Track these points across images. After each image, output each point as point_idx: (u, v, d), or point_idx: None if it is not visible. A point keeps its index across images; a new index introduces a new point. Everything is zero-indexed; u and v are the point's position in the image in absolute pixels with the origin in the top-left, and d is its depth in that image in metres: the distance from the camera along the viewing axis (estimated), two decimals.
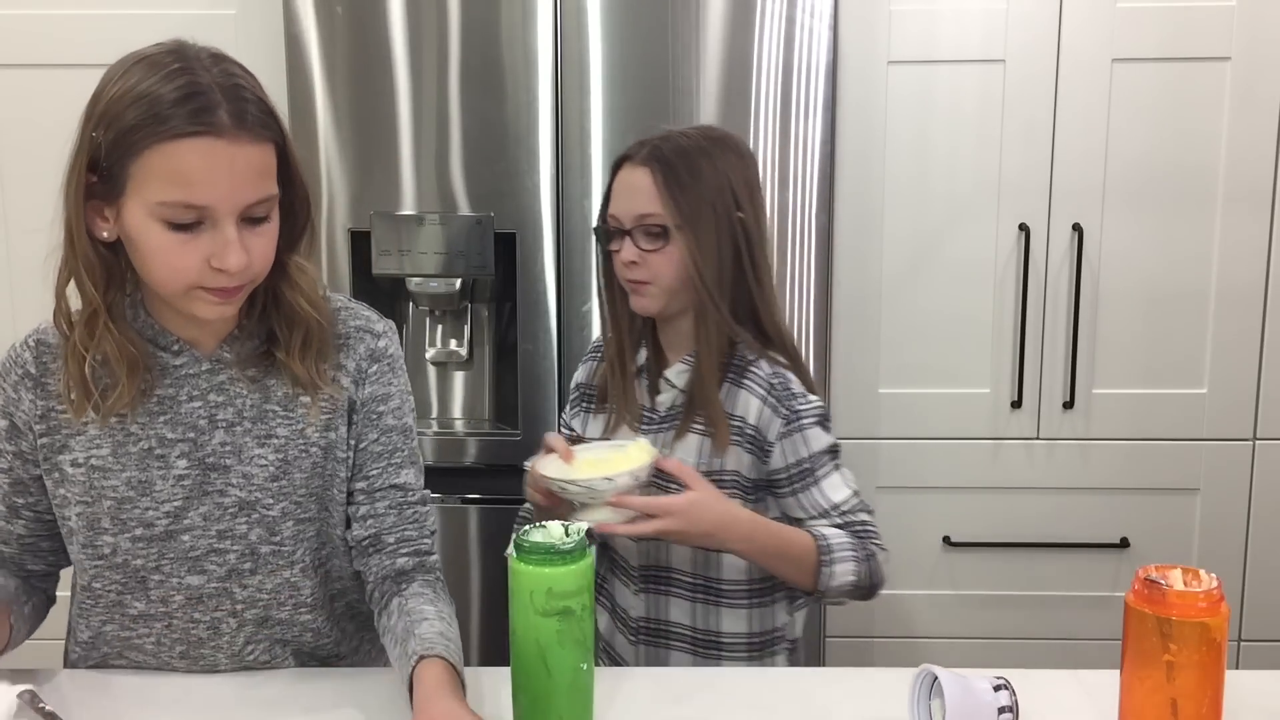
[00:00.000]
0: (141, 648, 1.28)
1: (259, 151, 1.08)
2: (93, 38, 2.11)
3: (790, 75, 1.98)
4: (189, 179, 1.04)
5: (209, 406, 1.19)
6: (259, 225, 1.11)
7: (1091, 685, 1.23)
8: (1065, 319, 2.14)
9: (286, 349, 1.19)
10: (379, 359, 1.26)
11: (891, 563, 1.47)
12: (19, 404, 1.20)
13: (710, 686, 1.29)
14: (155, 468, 1.19)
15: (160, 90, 1.06)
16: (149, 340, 1.19)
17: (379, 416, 1.25)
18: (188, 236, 1.07)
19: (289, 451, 1.20)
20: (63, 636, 1.36)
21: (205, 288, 1.10)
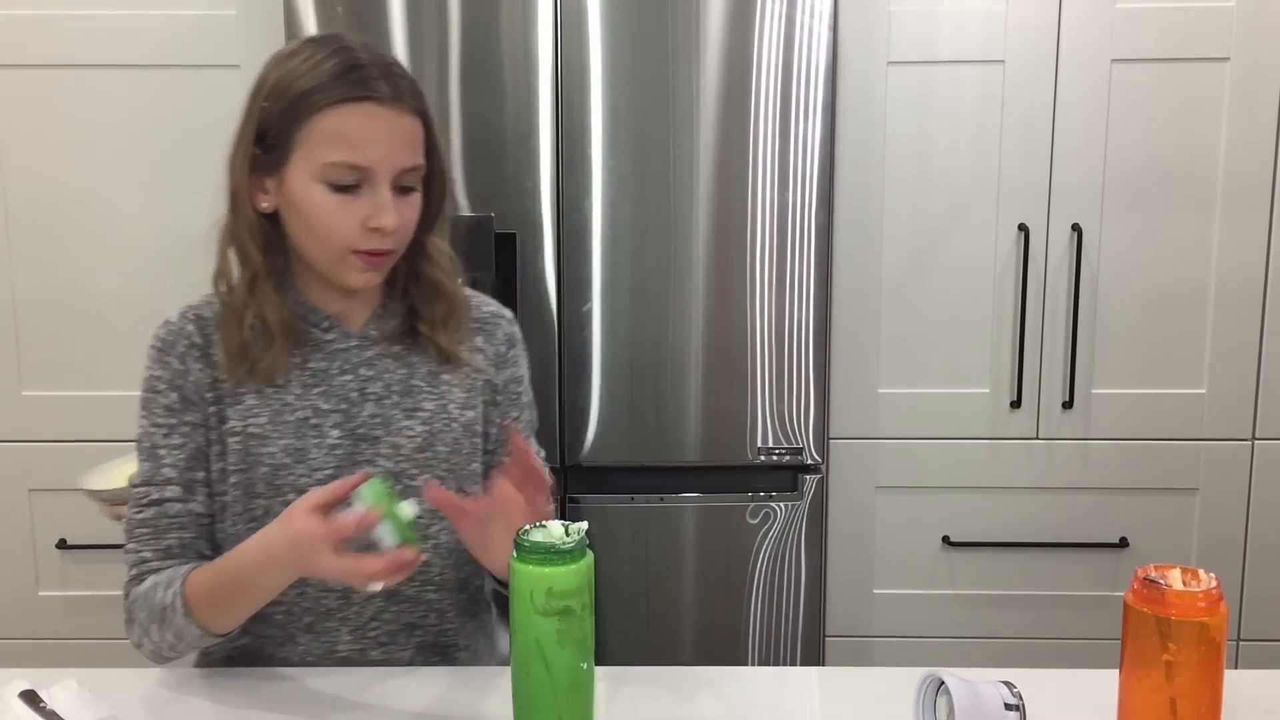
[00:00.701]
0: (270, 619, 1.28)
1: (411, 122, 1.18)
2: (93, 38, 2.11)
3: (790, 76, 1.98)
4: (353, 140, 1.14)
5: (359, 380, 1.26)
6: (408, 195, 1.20)
7: (1091, 685, 1.23)
8: (1064, 319, 2.14)
9: (430, 323, 1.27)
10: (515, 344, 1.36)
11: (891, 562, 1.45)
12: (188, 375, 1.24)
13: (710, 686, 1.29)
14: (311, 436, 1.24)
15: (325, 64, 1.15)
16: (300, 317, 1.26)
17: (518, 396, 1.36)
18: (348, 198, 1.16)
19: (434, 424, 1.27)
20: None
21: (357, 251, 1.18)
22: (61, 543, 2.25)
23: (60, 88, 2.13)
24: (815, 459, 2.09)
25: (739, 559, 2.10)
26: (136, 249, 2.17)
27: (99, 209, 2.16)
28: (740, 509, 2.09)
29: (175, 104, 2.13)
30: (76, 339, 2.20)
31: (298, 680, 1.29)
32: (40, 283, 2.19)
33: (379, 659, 1.31)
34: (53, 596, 2.27)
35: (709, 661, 2.05)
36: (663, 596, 2.11)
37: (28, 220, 2.17)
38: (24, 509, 2.24)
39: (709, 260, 2.03)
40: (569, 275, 2.03)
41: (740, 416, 2.06)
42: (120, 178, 2.15)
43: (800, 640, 2.13)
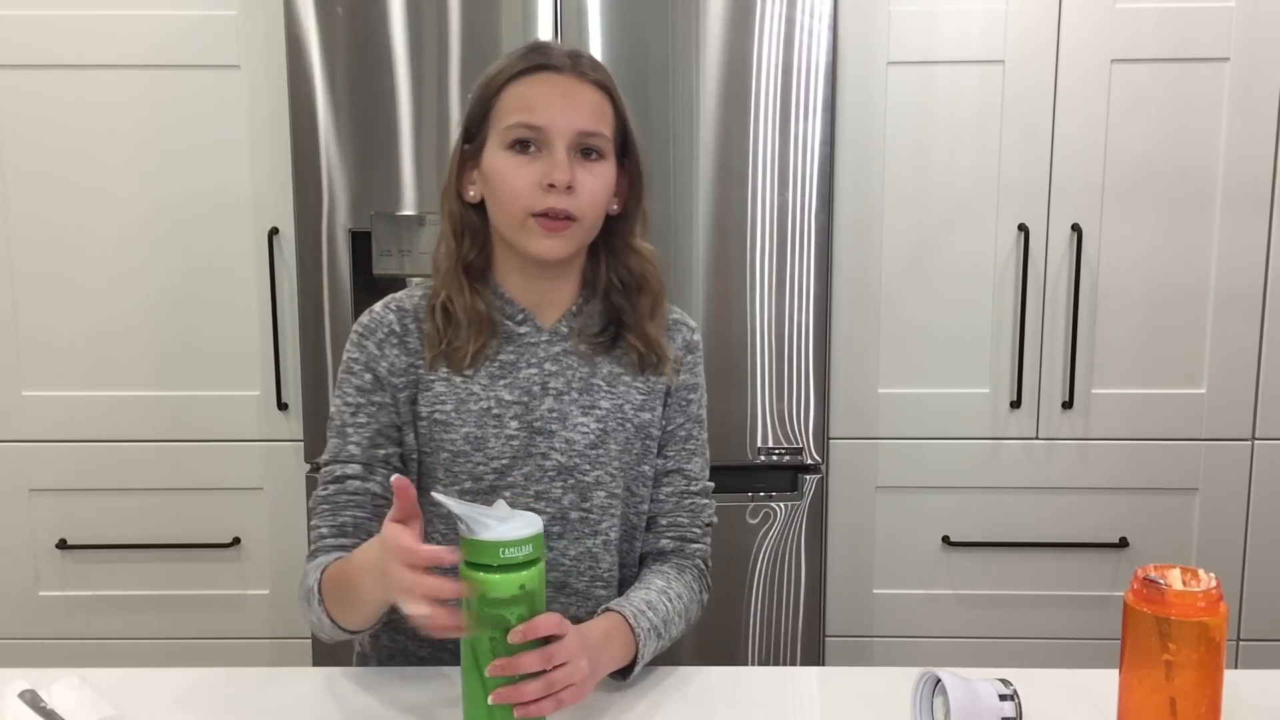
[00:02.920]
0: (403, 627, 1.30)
1: (593, 92, 1.24)
2: (93, 38, 2.11)
3: (790, 75, 1.98)
4: (529, 104, 1.22)
5: (543, 374, 1.29)
6: (590, 163, 1.24)
7: (1090, 685, 1.23)
8: (1064, 319, 2.14)
9: (637, 313, 1.31)
10: (693, 350, 1.38)
11: (891, 562, 1.45)
12: (383, 359, 1.29)
13: (711, 686, 1.29)
14: (490, 426, 1.27)
15: (515, 55, 1.25)
16: (497, 309, 1.30)
17: (687, 404, 1.36)
18: (525, 159, 1.22)
19: (608, 423, 1.30)
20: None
21: (537, 215, 1.22)
22: (61, 543, 2.25)
23: (60, 88, 2.13)
24: (815, 459, 2.09)
25: (739, 559, 2.10)
26: (137, 249, 2.17)
27: (99, 209, 2.16)
28: (740, 509, 2.09)
29: (175, 104, 2.13)
30: (76, 339, 2.20)
31: (300, 680, 1.29)
32: (40, 283, 2.19)
33: None
34: (53, 596, 2.27)
35: (709, 661, 2.05)
36: None
37: (28, 220, 2.17)
38: (24, 509, 2.24)
39: (709, 260, 2.03)
40: None
41: (740, 416, 2.06)
42: (120, 178, 2.15)
43: (800, 640, 2.13)
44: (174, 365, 2.20)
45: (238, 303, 2.18)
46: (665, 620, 1.28)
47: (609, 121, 1.26)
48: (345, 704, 1.23)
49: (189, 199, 2.16)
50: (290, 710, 1.22)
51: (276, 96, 2.06)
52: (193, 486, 2.22)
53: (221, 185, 2.15)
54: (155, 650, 2.26)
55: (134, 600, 2.26)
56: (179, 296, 2.19)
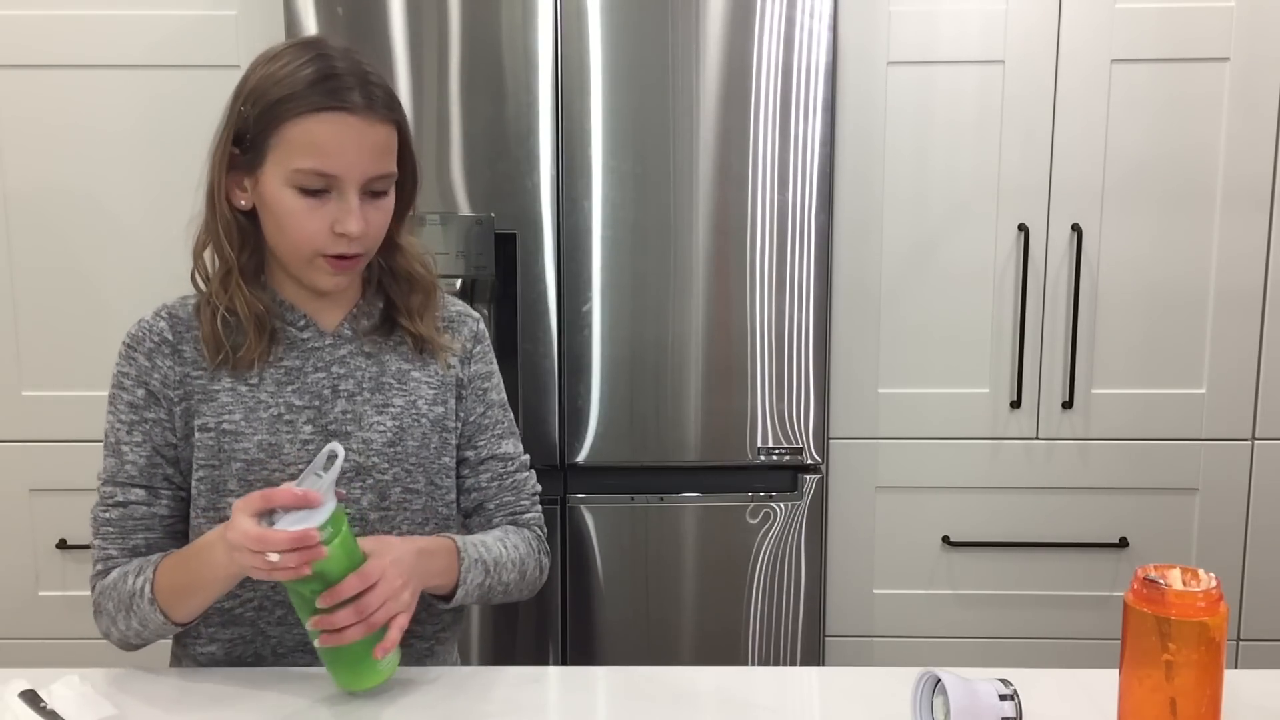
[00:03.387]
0: (242, 618, 1.31)
1: (384, 131, 1.21)
2: (93, 38, 2.11)
3: (790, 75, 1.98)
4: (322, 149, 1.18)
5: (332, 377, 1.30)
6: (378, 199, 1.24)
7: (1091, 685, 1.23)
8: (1064, 319, 2.14)
9: (408, 312, 1.32)
10: (480, 340, 1.39)
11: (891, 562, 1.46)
12: (154, 370, 1.28)
13: (710, 686, 1.29)
14: (284, 432, 1.27)
15: (302, 72, 1.19)
16: (276, 316, 1.30)
17: (484, 392, 1.38)
18: (316, 203, 1.20)
19: (404, 420, 1.31)
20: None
21: (326, 255, 1.22)
22: (61, 543, 2.25)
23: (60, 88, 2.13)
24: (815, 459, 2.09)
25: (739, 559, 2.10)
26: (137, 249, 2.17)
27: (99, 209, 2.16)
28: (740, 509, 2.09)
29: (175, 104, 2.13)
30: (76, 339, 2.20)
31: (299, 680, 1.29)
32: (40, 283, 2.19)
33: None
34: (53, 596, 2.27)
35: (709, 661, 2.05)
36: (663, 596, 2.11)
37: (28, 220, 2.17)
38: (24, 509, 2.24)
39: (709, 260, 2.03)
40: (569, 275, 2.03)
41: (740, 416, 2.06)
42: (120, 178, 2.15)
43: (800, 640, 2.13)
44: None
45: None
46: (496, 560, 1.30)
47: (394, 151, 1.24)
48: (345, 703, 1.23)
49: (189, 199, 2.15)
50: (290, 710, 1.22)
51: None
52: None
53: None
54: (155, 650, 2.26)
55: None
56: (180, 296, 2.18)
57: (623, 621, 2.12)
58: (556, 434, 2.06)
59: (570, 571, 2.10)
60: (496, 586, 1.32)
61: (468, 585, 1.27)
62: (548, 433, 2.05)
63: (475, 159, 2.00)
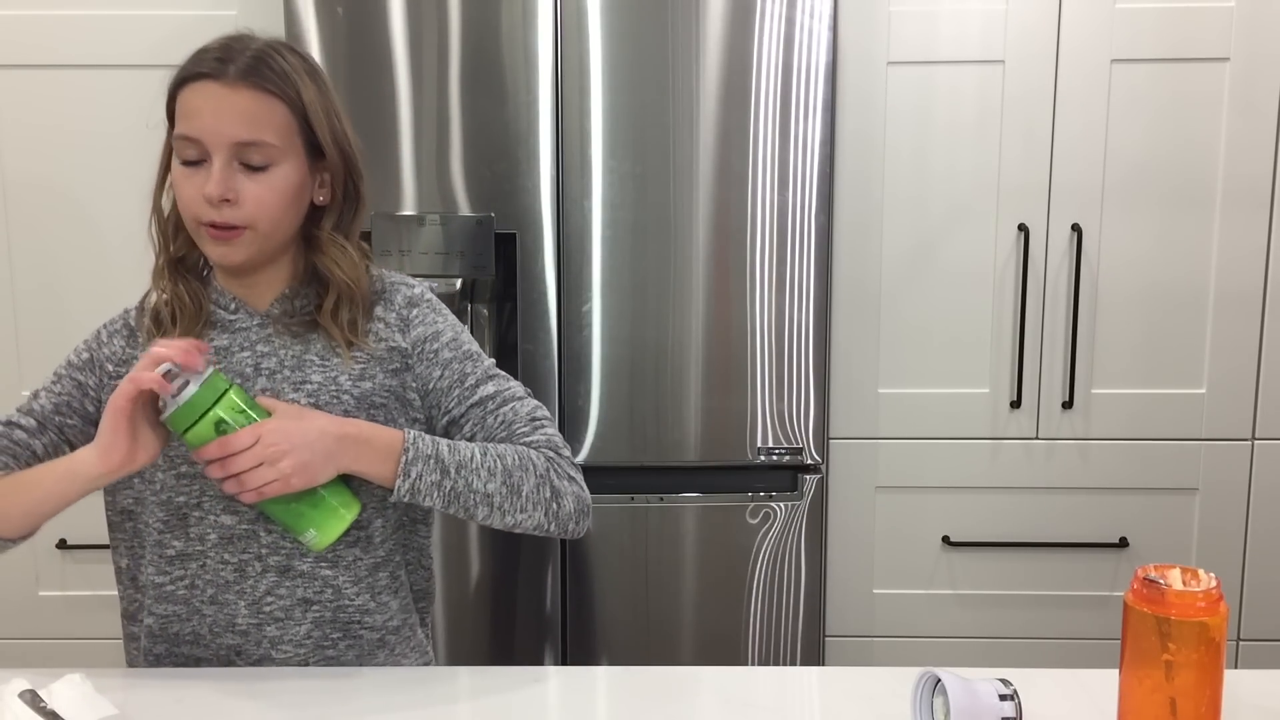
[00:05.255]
0: (174, 595, 1.32)
1: (256, 99, 1.23)
2: (93, 38, 2.12)
3: (790, 75, 1.98)
4: (189, 114, 1.24)
5: (255, 356, 1.31)
6: (257, 173, 1.24)
7: (1091, 685, 1.23)
8: (1064, 319, 2.14)
9: (321, 310, 1.32)
10: (416, 304, 1.36)
11: (891, 562, 1.46)
12: (106, 345, 1.35)
13: (710, 686, 1.29)
14: None
15: (205, 50, 1.26)
16: (213, 301, 1.33)
17: (435, 353, 1.34)
18: (191, 170, 1.24)
19: (320, 397, 1.29)
20: (112, 637, 1.43)
21: (205, 224, 1.24)
22: (61, 543, 2.25)
23: (60, 88, 2.13)
24: (815, 459, 2.09)
25: (739, 559, 2.10)
26: (137, 249, 2.17)
27: (99, 209, 2.16)
28: (740, 509, 2.09)
29: None
30: (76, 339, 2.19)
31: (298, 679, 1.29)
32: (40, 283, 2.19)
33: (274, 634, 1.31)
34: (53, 596, 2.28)
35: (709, 661, 2.06)
36: (663, 596, 2.11)
37: (28, 220, 2.17)
38: None
39: (709, 260, 2.03)
40: (569, 275, 2.03)
41: (740, 416, 2.06)
42: (120, 178, 2.15)
43: (800, 640, 2.13)
44: None
45: None
46: (462, 464, 1.24)
47: (275, 125, 1.24)
48: (345, 703, 1.23)
49: None
50: (290, 710, 1.22)
51: None
52: None
53: None
54: None
55: None
56: None
57: (623, 621, 2.12)
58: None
59: (570, 571, 2.10)
60: (469, 494, 1.25)
61: (412, 479, 1.23)
62: None
63: (475, 159, 2.00)
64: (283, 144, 1.25)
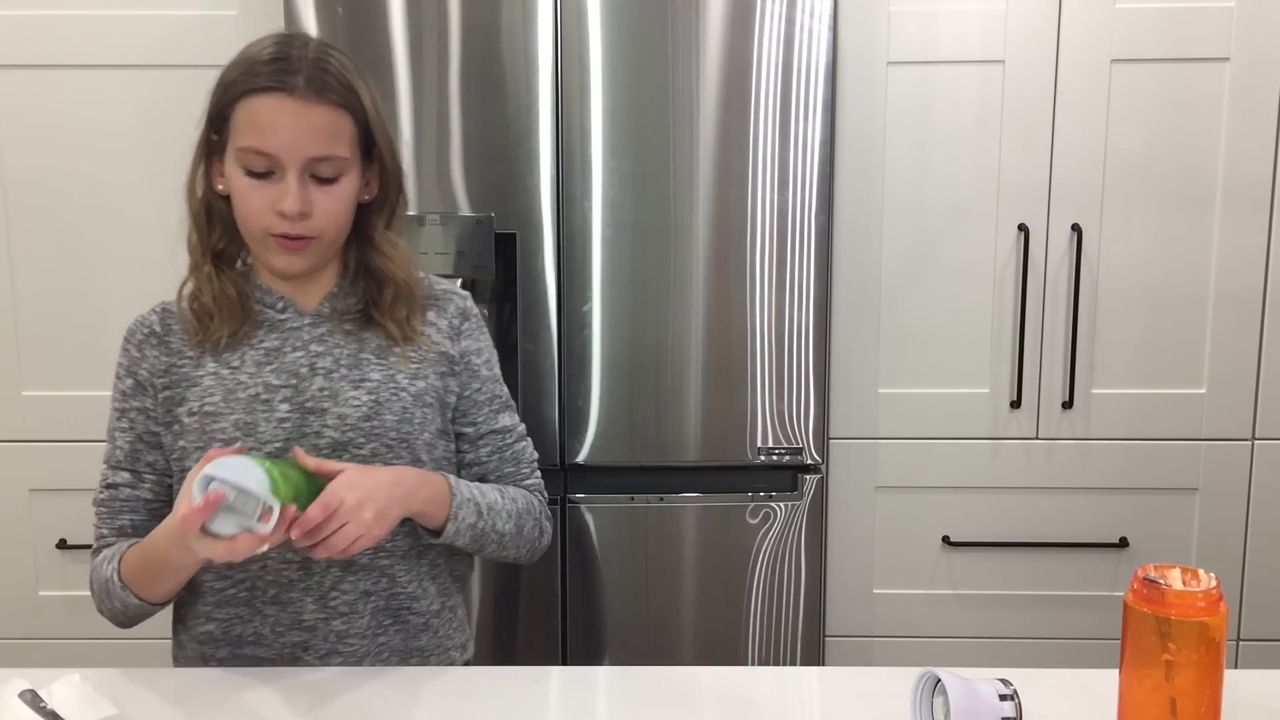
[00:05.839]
0: (235, 599, 1.34)
1: (328, 114, 1.23)
2: (93, 38, 2.12)
3: (790, 75, 1.98)
4: (261, 128, 1.22)
5: (310, 356, 1.32)
6: (326, 185, 1.25)
7: (1091, 685, 1.23)
8: (1064, 319, 2.14)
9: (379, 307, 1.34)
10: (469, 317, 1.41)
11: (891, 562, 1.46)
12: (143, 361, 1.33)
13: (710, 686, 1.29)
14: (260, 411, 1.30)
15: (257, 55, 1.24)
16: (257, 300, 1.34)
17: (477, 369, 1.40)
18: (260, 182, 1.24)
19: (380, 394, 1.32)
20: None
21: (274, 234, 1.25)
22: (61, 543, 2.25)
23: (60, 88, 2.14)
24: (815, 459, 2.09)
25: (739, 559, 2.10)
26: (136, 249, 2.18)
27: (99, 209, 2.16)
28: (740, 509, 2.09)
29: (175, 104, 2.12)
30: (76, 339, 2.20)
31: (298, 679, 1.29)
32: (40, 282, 2.19)
33: (341, 627, 1.34)
34: (53, 596, 2.28)
35: (709, 661, 2.05)
36: (663, 596, 2.11)
37: (28, 220, 2.17)
38: (24, 509, 2.24)
39: (709, 260, 2.03)
40: (569, 275, 2.03)
41: (740, 416, 2.06)
42: (120, 178, 2.15)
43: (800, 640, 2.13)
44: None
45: None
46: (491, 506, 1.33)
47: (345, 137, 1.26)
48: (345, 704, 1.23)
49: None
50: (290, 710, 1.22)
51: None
52: None
53: None
54: (155, 650, 2.26)
55: None
56: None
57: (623, 621, 2.12)
58: (557, 434, 2.05)
59: (570, 571, 2.10)
60: (490, 533, 1.34)
61: (459, 522, 1.30)
62: (548, 433, 2.05)
63: (475, 159, 2.00)
64: (350, 155, 1.27)
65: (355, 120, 1.26)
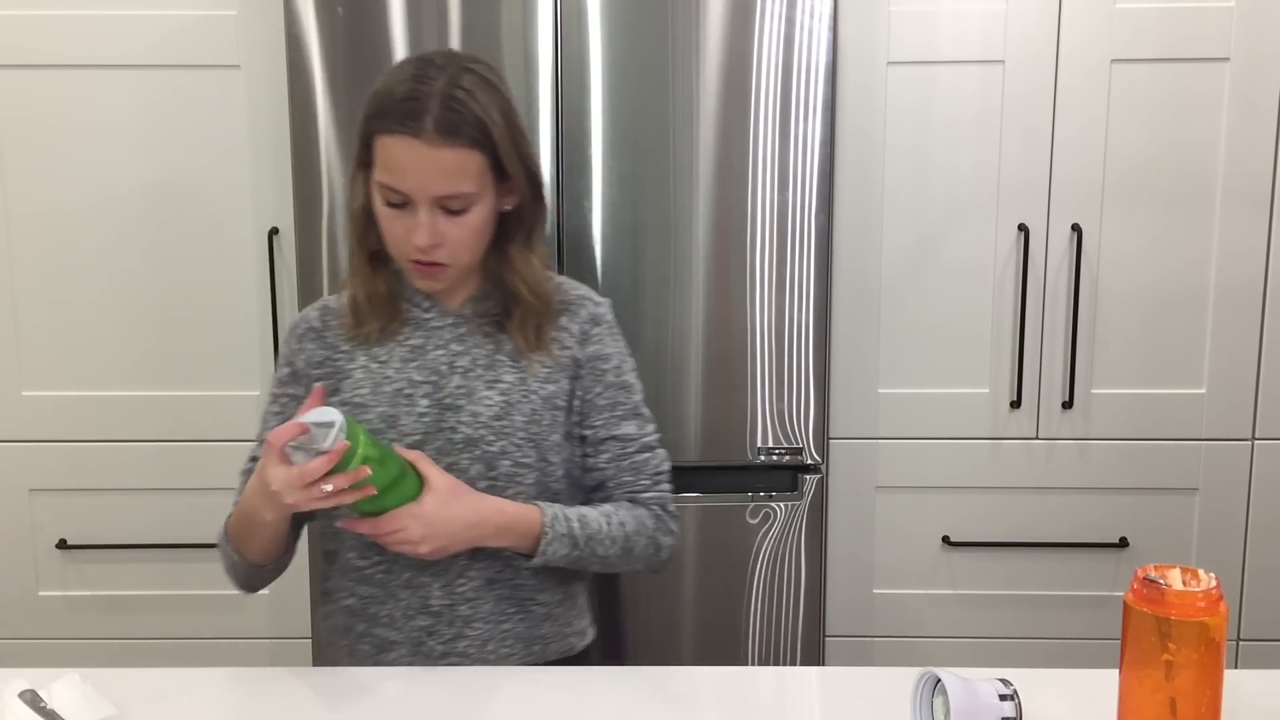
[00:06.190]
0: (372, 578, 1.41)
1: (456, 156, 1.28)
2: (93, 38, 2.11)
3: (790, 75, 1.98)
4: (394, 168, 1.29)
5: (450, 354, 1.39)
6: (456, 216, 1.31)
7: (1091, 685, 1.23)
8: (1064, 319, 2.14)
9: (509, 321, 1.40)
10: (599, 323, 1.45)
11: (891, 562, 1.47)
12: (300, 354, 1.43)
13: (710, 686, 1.29)
14: (403, 405, 1.37)
15: (396, 89, 1.29)
16: (406, 299, 1.42)
17: (602, 374, 1.44)
18: (397, 212, 1.31)
19: (512, 396, 1.38)
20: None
21: (410, 260, 1.33)
22: (61, 543, 2.25)
23: (60, 88, 2.13)
24: (815, 459, 2.09)
25: (739, 559, 2.10)
26: (137, 249, 2.18)
27: (99, 209, 2.16)
28: (740, 509, 2.09)
29: (175, 104, 2.13)
30: (76, 339, 2.20)
31: (298, 679, 1.29)
32: (40, 283, 2.19)
33: (467, 613, 1.39)
34: (53, 596, 2.28)
35: (709, 661, 2.06)
36: (663, 596, 2.11)
37: (28, 220, 2.17)
38: (24, 509, 2.24)
39: (709, 260, 2.03)
40: (569, 275, 2.02)
41: (740, 416, 2.06)
42: (120, 178, 2.15)
43: (800, 640, 2.13)
44: (174, 365, 2.20)
45: (238, 302, 2.18)
46: (591, 536, 1.37)
47: (473, 173, 1.30)
48: (345, 704, 1.23)
49: (189, 199, 2.16)
50: (290, 710, 1.22)
51: (276, 96, 2.06)
52: (193, 486, 2.22)
53: (221, 185, 2.16)
54: (155, 650, 2.26)
55: (134, 600, 2.26)
56: (179, 296, 2.19)
57: (623, 621, 2.12)
58: None
59: None
60: (590, 558, 1.39)
61: (547, 557, 1.35)
62: None
63: None
64: (479, 188, 1.31)
65: (485, 153, 1.30)
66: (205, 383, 2.20)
